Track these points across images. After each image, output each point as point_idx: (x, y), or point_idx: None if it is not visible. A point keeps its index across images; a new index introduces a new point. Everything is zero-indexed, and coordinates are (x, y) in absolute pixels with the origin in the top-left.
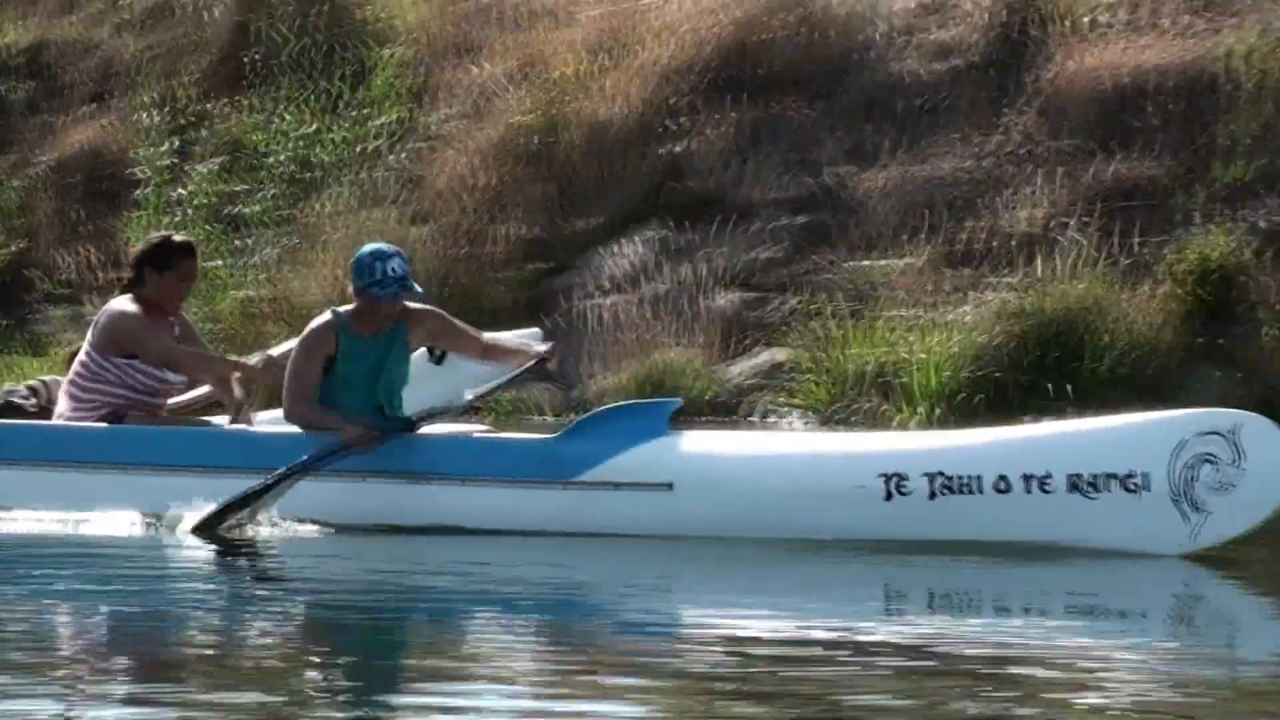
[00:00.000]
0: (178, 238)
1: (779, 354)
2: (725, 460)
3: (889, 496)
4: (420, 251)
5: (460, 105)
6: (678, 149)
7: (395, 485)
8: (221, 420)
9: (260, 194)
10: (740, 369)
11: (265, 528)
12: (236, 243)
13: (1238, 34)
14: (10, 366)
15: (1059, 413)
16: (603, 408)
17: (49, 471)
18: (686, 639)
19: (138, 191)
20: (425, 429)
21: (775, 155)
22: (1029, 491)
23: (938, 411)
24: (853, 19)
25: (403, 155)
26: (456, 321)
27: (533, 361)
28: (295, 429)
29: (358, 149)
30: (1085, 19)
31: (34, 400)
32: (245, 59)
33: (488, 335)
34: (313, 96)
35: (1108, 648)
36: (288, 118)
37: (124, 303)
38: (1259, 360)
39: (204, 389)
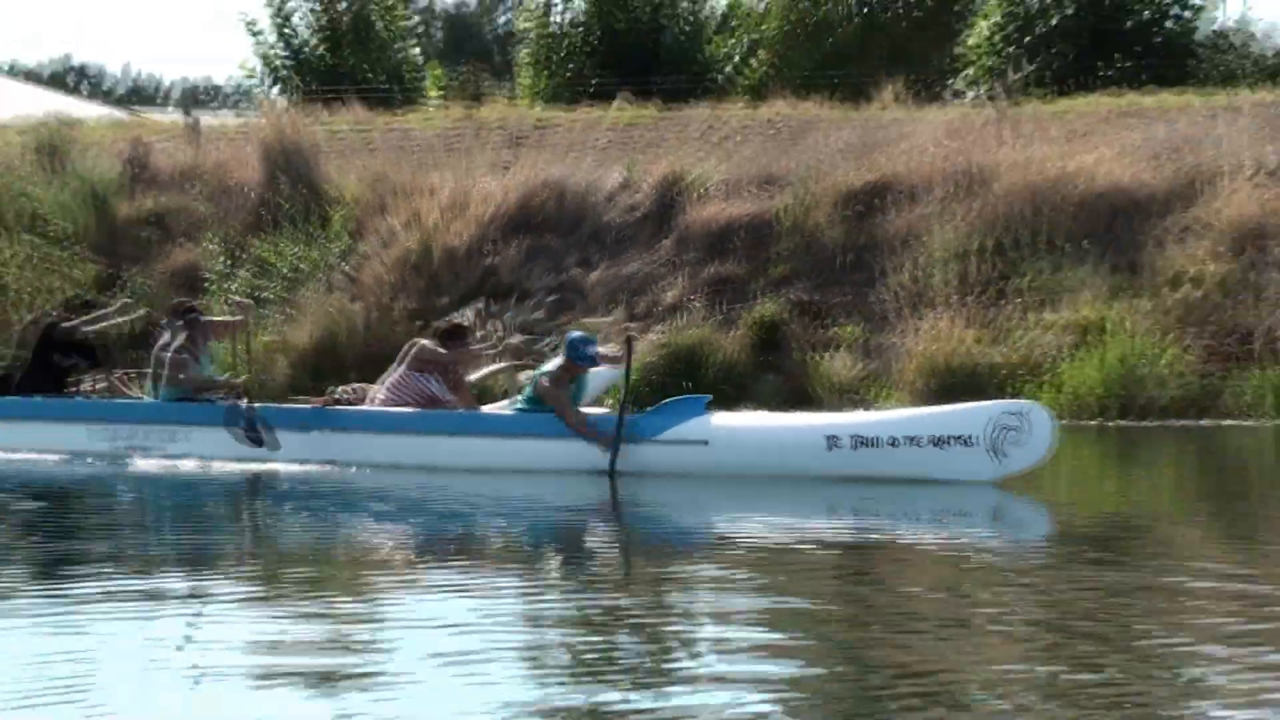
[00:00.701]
0: (465, 323)
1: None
2: (741, 428)
3: (830, 449)
4: (355, 318)
5: (377, 239)
6: (492, 261)
7: (541, 443)
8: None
9: (273, 287)
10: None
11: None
12: (261, 314)
13: (782, 198)
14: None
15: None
16: (668, 399)
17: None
18: (697, 543)
19: (210, 286)
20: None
21: (543, 263)
22: (909, 446)
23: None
24: (584, 190)
25: (347, 266)
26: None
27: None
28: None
29: (324, 262)
30: (704, 189)
31: (351, 398)
32: (264, 214)
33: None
34: (300, 234)
35: (945, 534)
36: (287, 245)
37: (435, 343)
38: (792, 371)
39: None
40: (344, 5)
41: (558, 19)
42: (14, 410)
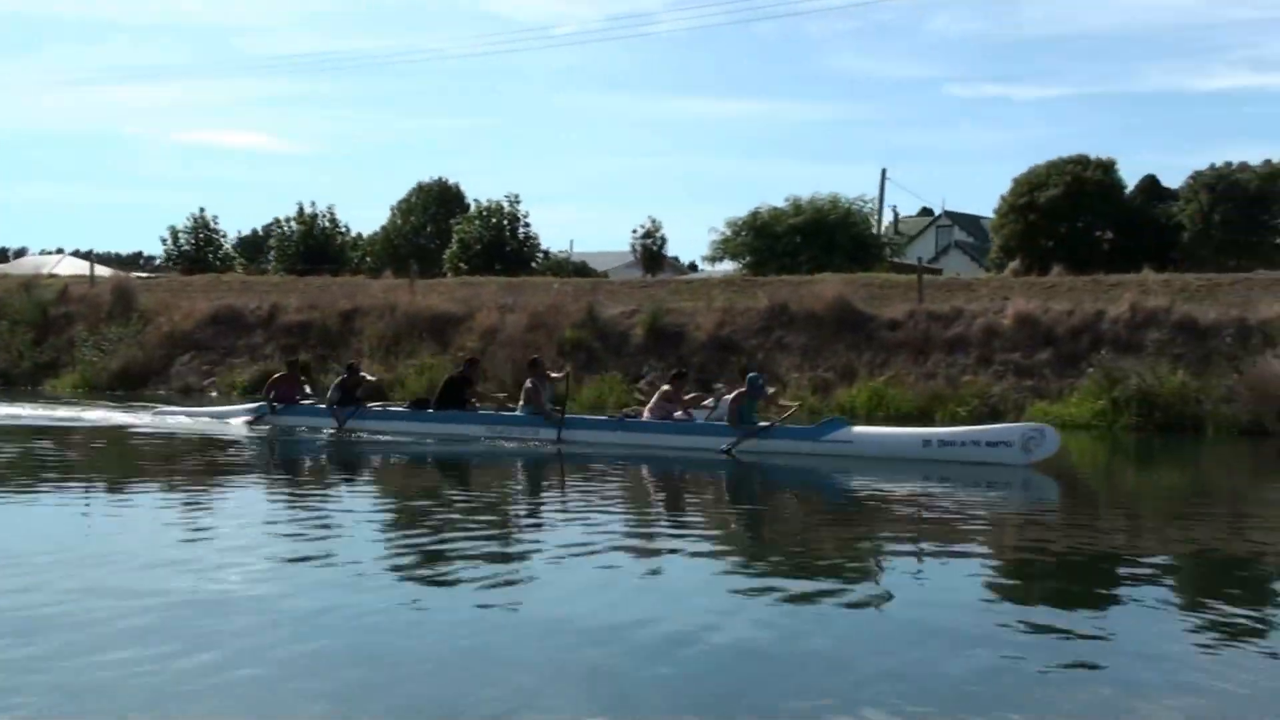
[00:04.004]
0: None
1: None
2: (868, 431)
3: (926, 444)
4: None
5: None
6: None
7: (714, 438)
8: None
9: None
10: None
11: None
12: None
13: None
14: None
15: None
16: (829, 418)
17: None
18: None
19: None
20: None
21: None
22: (980, 445)
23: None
24: None
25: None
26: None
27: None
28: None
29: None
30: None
31: (630, 414)
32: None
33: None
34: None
35: (997, 503)
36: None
37: (670, 387)
38: None
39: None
40: None
41: None
42: (441, 417)
